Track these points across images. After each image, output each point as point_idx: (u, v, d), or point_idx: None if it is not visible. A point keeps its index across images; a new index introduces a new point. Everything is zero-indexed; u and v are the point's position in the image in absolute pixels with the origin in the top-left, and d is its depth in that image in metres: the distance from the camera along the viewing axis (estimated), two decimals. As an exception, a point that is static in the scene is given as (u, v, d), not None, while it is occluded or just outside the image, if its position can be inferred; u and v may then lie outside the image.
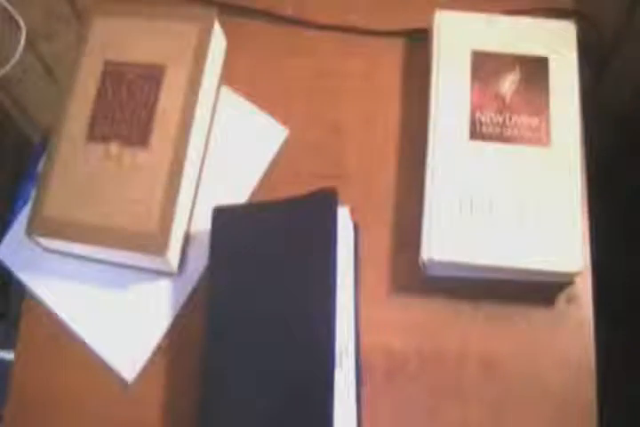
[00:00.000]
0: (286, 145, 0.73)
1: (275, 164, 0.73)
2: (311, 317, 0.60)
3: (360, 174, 0.72)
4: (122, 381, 0.67)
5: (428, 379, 0.65)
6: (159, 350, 0.67)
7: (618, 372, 0.84)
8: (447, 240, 0.65)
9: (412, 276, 0.68)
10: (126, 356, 0.67)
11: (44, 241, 0.68)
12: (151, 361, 0.67)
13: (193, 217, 0.70)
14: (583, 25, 0.75)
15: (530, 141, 0.68)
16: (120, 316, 0.68)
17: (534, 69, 0.70)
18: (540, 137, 0.68)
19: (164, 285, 0.69)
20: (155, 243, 0.64)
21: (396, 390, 0.65)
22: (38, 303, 0.69)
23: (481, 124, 0.68)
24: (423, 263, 0.65)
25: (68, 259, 0.70)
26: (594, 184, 0.70)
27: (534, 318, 0.67)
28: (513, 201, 0.66)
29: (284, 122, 0.74)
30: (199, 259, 0.69)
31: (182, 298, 0.68)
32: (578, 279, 0.67)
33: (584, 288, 0.67)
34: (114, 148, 0.67)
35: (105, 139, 0.67)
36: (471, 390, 0.64)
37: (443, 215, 0.66)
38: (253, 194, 0.72)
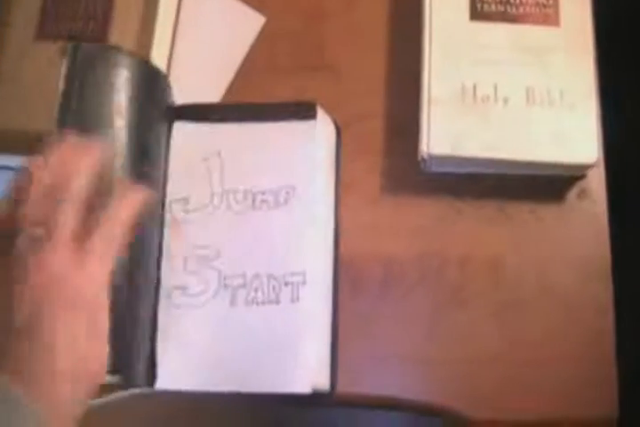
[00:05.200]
0: (262, 36, 0.67)
1: (252, 57, 0.66)
2: None
3: (347, 63, 0.66)
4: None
5: (430, 287, 0.61)
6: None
7: (632, 268, 0.80)
8: (448, 133, 0.60)
9: (409, 172, 0.63)
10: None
11: None
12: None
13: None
14: None
15: (537, 20, 0.62)
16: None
17: None
18: (548, 14, 0.63)
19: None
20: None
21: (395, 300, 0.61)
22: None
23: (482, 2, 0.63)
24: (422, 159, 0.61)
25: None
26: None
27: (543, 214, 0.62)
28: (521, 88, 0.61)
29: (259, 10, 0.68)
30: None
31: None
32: (590, 172, 0.63)
33: (597, 181, 0.63)
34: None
35: (56, 37, 0.61)
36: (475, 296, 0.61)
37: (443, 106, 0.61)
38: (229, 90, 0.66)
